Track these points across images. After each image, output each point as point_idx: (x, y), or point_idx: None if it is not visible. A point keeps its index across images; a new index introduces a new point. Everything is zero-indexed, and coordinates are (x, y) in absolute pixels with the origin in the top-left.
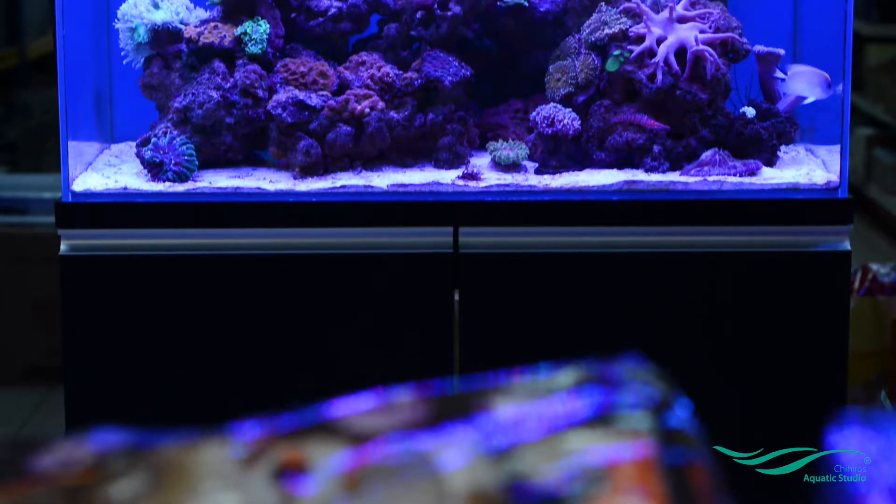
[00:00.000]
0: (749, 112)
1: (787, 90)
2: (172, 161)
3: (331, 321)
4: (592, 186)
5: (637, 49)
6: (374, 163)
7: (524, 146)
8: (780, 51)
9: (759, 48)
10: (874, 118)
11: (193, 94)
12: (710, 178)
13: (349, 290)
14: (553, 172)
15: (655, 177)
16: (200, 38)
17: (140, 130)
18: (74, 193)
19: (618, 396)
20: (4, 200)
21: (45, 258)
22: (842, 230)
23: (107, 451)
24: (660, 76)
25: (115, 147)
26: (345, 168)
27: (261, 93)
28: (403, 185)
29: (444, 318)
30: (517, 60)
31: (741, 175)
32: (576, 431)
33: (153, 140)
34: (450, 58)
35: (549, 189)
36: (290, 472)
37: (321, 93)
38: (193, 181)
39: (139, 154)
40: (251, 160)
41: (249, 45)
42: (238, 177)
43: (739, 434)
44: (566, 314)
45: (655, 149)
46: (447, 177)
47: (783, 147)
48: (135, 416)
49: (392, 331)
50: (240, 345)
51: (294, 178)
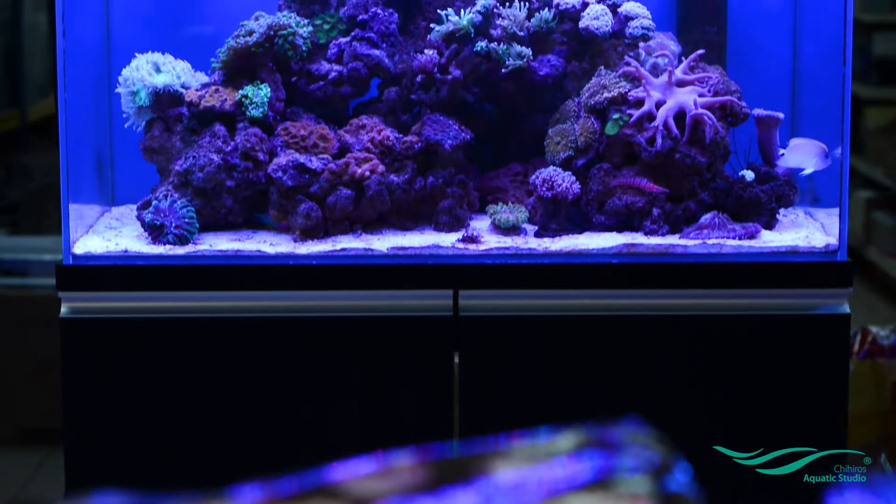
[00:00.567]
0: (748, 175)
1: (785, 163)
2: (173, 224)
3: (331, 384)
4: (592, 249)
5: (636, 113)
6: (375, 226)
7: (524, 209)
8: (780, 114)
9: (759, 111)
10: (873, 181)
11: (194, 157)
12: (710, 241)
13: (349, 353)
14: (553, 235)
15: (655, 240)
16: (202, 102)
17: (141, 193)
18: (75, 256)
19: (617, 460)
20: (5, 262)
21: (46, 320)
22: (841, 293)
23: None
24: (659, 140)
25: (116, 210)
26: (345, 231)
27: (261, 156)
28: (403, 248)
29: (444, 381)
30: (517, 124)
31: (740, 238)
32: (576, 495)
33: (154, 203)
34: (450, 121)
35: (549, 252)
36: None
37: (322, 156)
38: (194, 244)
39: (140, 217)
40: (252, 223)
41: (250, 109)
42: (238, 240)
43: (739, 496)
44: (566, 377)
45: (655, 212)
46: (447, 240)
47: (782, 210)
48: (135, 479)
49: (392, 393)
50: (240, 407)
51: (294, 241)
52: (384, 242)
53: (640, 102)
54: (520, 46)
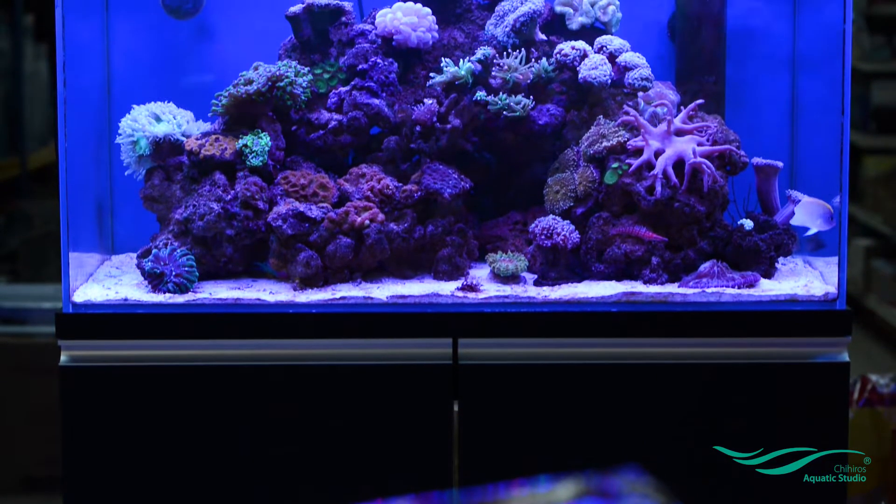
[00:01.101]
0: (747, 224)
1: (794, 220)
2: (173, 272)
3: (330, 432)
4: (591, 298)
5: (635, 162)
6: (374, 274)
7: (523, 258)
8: (779, 163)
9: (758, 160)
10: (872, 229)
11: (194, 206)
12: (709, 290)
13: (349, 401)
14: (552, 284)
15: (654, 288)
16: (202, 151)
17: (141, 242)
18: (75, 304)
19: None
20: (4, 310)
21: (45, 368)
22: (840, 342)
23: None
24: (658, 188)
25: (116, 258)
26: (345, 279)
27: (261, 205)
28: (403, 297)
29: (444, 429)
30: (516, 173)
31: (739, 287)
32: None
33: (154, 251)
34: (449, 170)
35: (548, 301)
36: None
37: (321, 205)
38: (194, 292)
39: (140, 265)
40: (251, 271)
41: (250, 158)
42: (238, 288)
43: None
44: (565, 425)
45: (654, 260)
46: (446, 288)
47: (781, 259)
48: None
49: (391, 441)
50: (239, 455)
51: (294, 290)
52: (384, 291)
53: (639, 151)
54: (519, 96)
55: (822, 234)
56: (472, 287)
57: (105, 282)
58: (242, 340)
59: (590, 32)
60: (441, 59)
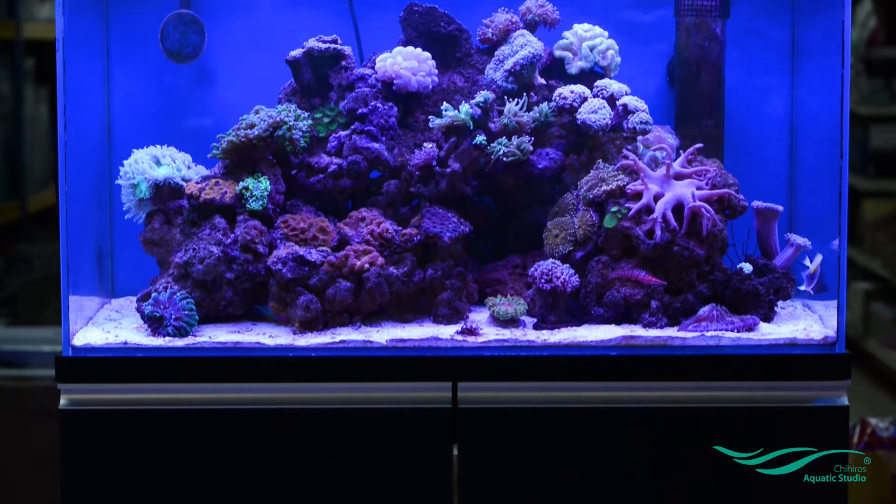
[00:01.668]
0: (746, 268)
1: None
2: (173, 316)
3: (330, 475)
4: (591, 342)
5: (635, 206)
6: (374, 318)
7: (523, 301)
8: (779, 207)
9: (758, 204)
10: (872, 272)
11: (194, 250)
12: (708, 334)
13: (348, 445)
14: (551, 328)
15: (653, 332)
16: (202, 194)
17: (141, 285)
18: (75, 348)
19: None
20: (4, 353)
21: (44, 412)
22: (840, 385)
23: None
24: (657, 232)
25: (116, 301)
26: (344, 323)
27: (261, 248)
28: (402, 340)
29: (443, 473)
30: (515, 216)
31: (739, 330)
32: None
33: (154, 295)
34: (449, 214)
35: (548, 344)
36: None
37: (321, 248)
38: (193, 336)
39: (139, 309)
40: (251, 315)
41: (250, 202)
42: (238, 331)
43: None
44: (566, 469)
45: (653, 304)
46: (446, 332)
47: (780, 302)
48: None
49: (391, 485)
50: (239, 499)
51: (294, 333)
52: (383, 334)
53: (639, 195)
54: (519, 139)
55: (824, 277)
56: (472, 331)
57: (105, 325)
58: (242, 384)
59: (589, 76)
60: (441, 103)
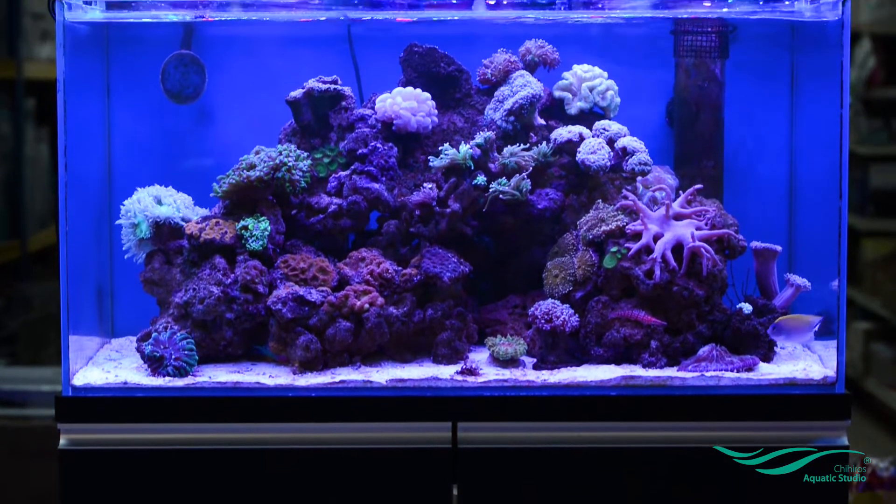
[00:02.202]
0: (746, 308)
1: (780, 342)
2: (172, 356)
3: None
4: (590, 382)
5: (634, 246)
6: (373, 358)
7: (522, 342)
8: (777, 247)
9: (756, 244)
10: (872, 312)
11: (194, 290)
12: (708, 374)
13: (348, 485)
14: (551, 368)
15: (653, 372)
16: (202, 234)
17: (141, 325)
18: (75, 388)
19: None
20: (3, 393)
21: (44, 452)
22: (839, 425)
23: None
24: (657, 272)
25: (116, 341)
26: (344, 363)
27: (261, 288)
28: (402, 381)
29: None
30: (515, 256)
31: (738, 370)
32: None
33: (153, 335)
34: (448, 254)
35: (548, 384)
36: None
37: (321, 288)
38: (193, 376)
39: (139, 349)
40: (251, 355)
41: (250, 242)
42: (238, 371)
43: None
44: None
45: (653, 344)
46: (446, 372)
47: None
48: None
49: None
50: None
51: (293, 373)
52: (383, 374)
53: (638, 235)
54: (517, 179)
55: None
56: (472, 371)
57: (105, 365)
58: (242, 424)
59: (588, 117)
60: (441, 144)
